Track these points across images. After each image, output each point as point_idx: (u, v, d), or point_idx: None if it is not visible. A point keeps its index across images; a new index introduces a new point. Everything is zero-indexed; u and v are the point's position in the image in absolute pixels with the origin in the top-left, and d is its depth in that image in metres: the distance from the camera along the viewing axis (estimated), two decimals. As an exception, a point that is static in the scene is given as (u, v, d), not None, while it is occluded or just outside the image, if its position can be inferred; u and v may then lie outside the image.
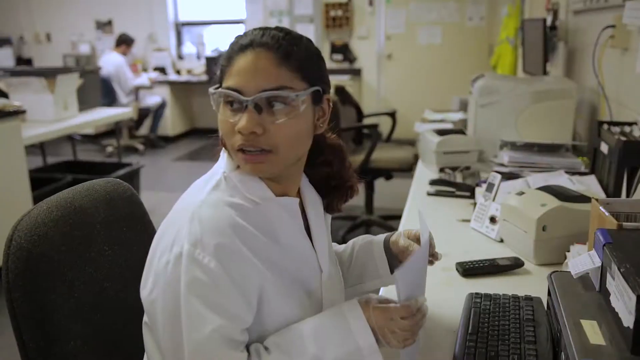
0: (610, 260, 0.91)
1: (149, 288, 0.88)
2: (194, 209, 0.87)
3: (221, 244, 0.83)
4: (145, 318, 0.95)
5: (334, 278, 1.05)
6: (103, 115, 4.40)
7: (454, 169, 2.20)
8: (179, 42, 8.07)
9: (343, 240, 1.26)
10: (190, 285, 0.82)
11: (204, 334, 0.81)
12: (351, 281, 1.20)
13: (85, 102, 4.34)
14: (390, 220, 3.89)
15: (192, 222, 0.85)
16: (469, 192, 1.95)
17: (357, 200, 0.97)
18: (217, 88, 0.90)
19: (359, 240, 1.21)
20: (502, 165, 2.16)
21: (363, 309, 0.90)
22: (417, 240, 1.14)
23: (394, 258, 1.16)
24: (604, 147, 1.76)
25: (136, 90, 6.72)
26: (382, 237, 1.19)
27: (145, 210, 1.25)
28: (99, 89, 4.80)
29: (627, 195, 1.61)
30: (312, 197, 1.05)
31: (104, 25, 7.92)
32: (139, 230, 1.21)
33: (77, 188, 1.12)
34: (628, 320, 0.80)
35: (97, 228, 1.10)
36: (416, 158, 3.14)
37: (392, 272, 1.15)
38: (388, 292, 1.21)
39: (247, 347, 0.87)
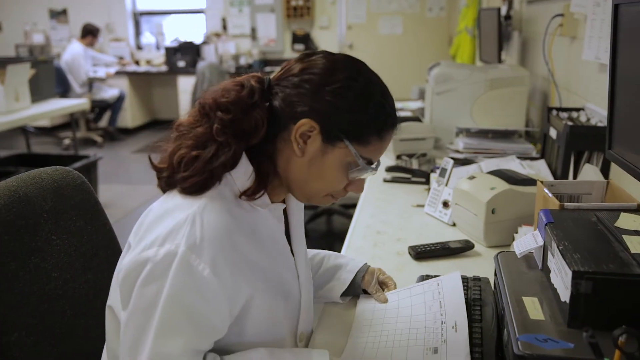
0: (551, 238, 0.94)
1: (124, 272, 0.83)
2: (195, 210, 0.83)
3: (219, 253, 0.81)
4: (109, 301, 0.93)
5: (308, 282, 1.06)
6: (57, 106, 4.29)
7: (410, 155, 2.23)
8: (138, 32, 7.90)
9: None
10: (176, 289, 0.79)
11: (171, 346, 0.78)
12: None
13: (38, 93, 4.22)
14: (350, 209, 3.91)
15: (193, 224, 0.81)
16: (424, 178, 1.98)
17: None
18: (366, 162, 0.91)
19: (333, 258, 1.23)
20: (457, 151, 2.20)
21: None
22: (385, 283, 1.21)
23: (358, 286, 1.19)
24: (553, 132, 1.81)
25: (90, 82, 6.54)
26: (356, 266, 1.20)
27: (97, 199, 1.22)
28: (53, 80, 4.66)
29: (574, 178, 1.66)
30: (295, 204, 1.05)
31: (59, 15, 7.69)
32: (90, 219, 1.19)
33: (22, 177, 1.08)
34: (565, 295, 0.84)
35: (44, 217, 1.07)
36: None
37: (346, 294, 1.19)
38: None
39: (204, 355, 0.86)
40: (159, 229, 0.83)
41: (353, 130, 0.89)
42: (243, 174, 0.89)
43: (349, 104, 0.88)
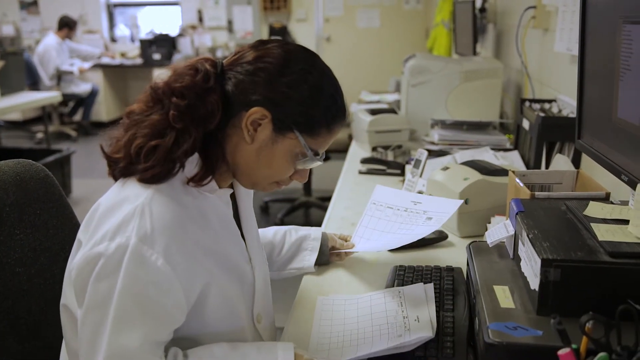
0: (522, 227, 0.94)
1: (77, 269, 0.82)
2: (143, 201, 0.82)
3: (171, 242, 0.81)
4: (62, 300, 0.91)
5: (262, 264, 1.06)
6: (28, 99, 4.20)
7: (386, 147, 2.22)
8: (112, 24, 7.77)
9: (282, 223, 1.28)
10: (130, 282, 0.78)
11: (129, 339, 0.77)
12: (276, 266, 1.25)
13: (7, 86, 4.13)
14: (328, 202, 3.90)
15: (142, 215, 0.80)
16: (399, 169, 1.98)
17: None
18: (313, 152, 0.92)
19: (294, 232, 1.28)
20: (432, 143, 2.20)
21: (295, 354, 0.88)
22: (344, 238, 1.35)
23: (326, 250, 1.28)
24: (526, 124, 1.82)
25: (58, 75, 6.40)
26: (318, 233, 1.28)
27: (61, 192, 1.19)
28: (23, 72, 4.56)
29: (547, 168, 1.67)
30: (243, 189, 1.04)
31: (29, 6, 7.51)
32: (55, 213, 1.16)
33: (-19, 170, 1.05)
34: (534, 283, 0.84)
35: (7, 211, 1.04)
36: (351, 138, 3.16)
37: (318, 263, 1.27)
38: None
39: (165, 350, 0.84)
40: (108, 223, 0.82)
41: (304, 122, 0.90)
42: (189, 161, 0.88)
43: (303, 96, 0.89)
